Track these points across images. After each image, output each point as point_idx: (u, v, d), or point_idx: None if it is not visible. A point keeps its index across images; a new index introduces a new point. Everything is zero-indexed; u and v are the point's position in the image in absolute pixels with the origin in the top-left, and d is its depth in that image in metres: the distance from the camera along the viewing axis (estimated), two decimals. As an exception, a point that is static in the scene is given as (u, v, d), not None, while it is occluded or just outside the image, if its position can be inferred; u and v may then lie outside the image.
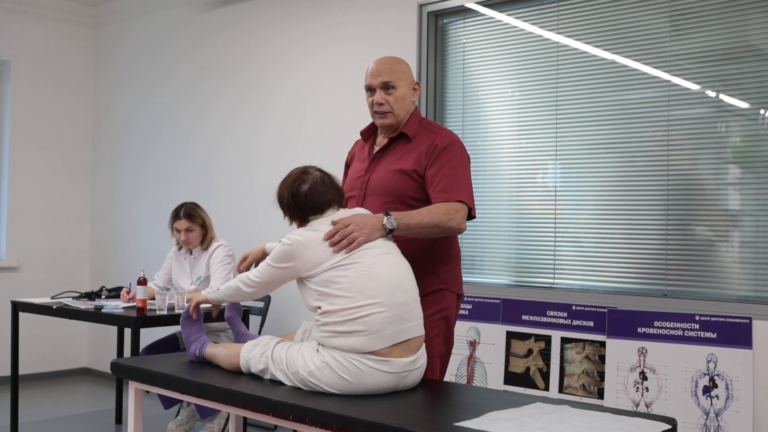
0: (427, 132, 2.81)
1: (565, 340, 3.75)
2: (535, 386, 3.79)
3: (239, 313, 3.01)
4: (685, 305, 3.46)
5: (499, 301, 3.98)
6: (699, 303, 3.43)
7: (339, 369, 2.35)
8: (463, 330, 4.04)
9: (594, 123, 3.82)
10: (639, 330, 3.51)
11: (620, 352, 3.55)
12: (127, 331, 4.49)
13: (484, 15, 4.21)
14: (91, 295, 4.46)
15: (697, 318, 3.38)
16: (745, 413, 3.21)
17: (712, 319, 3.34)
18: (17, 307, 4.44)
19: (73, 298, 4.46)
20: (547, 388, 3.75)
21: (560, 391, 3.72)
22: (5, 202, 6.11)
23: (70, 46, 6.46)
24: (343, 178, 3.04)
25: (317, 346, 2.43)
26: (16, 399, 4.51)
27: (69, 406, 5.42)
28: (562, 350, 3.74)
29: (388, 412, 2.21)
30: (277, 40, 5.15)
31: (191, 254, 4.53)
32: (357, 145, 3.05)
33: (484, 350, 3.98)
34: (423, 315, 2.54)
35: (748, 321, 3.27)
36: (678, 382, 3.39)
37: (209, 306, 4.13)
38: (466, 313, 4.06)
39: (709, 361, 3.33)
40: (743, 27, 3.42)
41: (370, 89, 2.82)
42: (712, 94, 3.51)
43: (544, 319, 3.82)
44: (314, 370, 2.38)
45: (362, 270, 2.39)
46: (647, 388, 3.47)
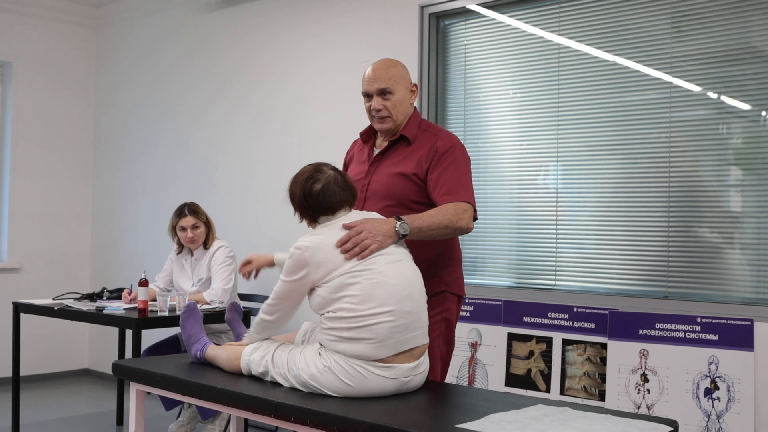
0: (428, 134, 2.80)
1: (566, 342, 3.74)
2: (536, 388, 3.79)
3: (239, 315, 3.01)
4: (687, 307, 3.45)
5: (500, 302, 3.98)
6: (700, 305, 3.43)
7: (341, 374, 2.35)
8: (465, 331, 4.03)
9: (595, 124, 3.82)
10: (640, 332, 3.51)
11: (622, 353, 3.55)
12: (129, 333, 4.49)
13: (485, 16, 4.21)
14: (92, 296, 4.46)
15: (699, 320, 3.38)
16: (747, 415, 3.21)
17: (714, 321, 3.34)
18: (18, 308, 4.44)
19: (75, 299, 4.46)
20: (548, 390, 3.75)
21: (561, 392, 3.71)
22: (7, 203, 6.11)
23: (72, 47, 6.46)
24: None
25: (319, 349, 2.42)
26: (17, 400, 4.51)
27: (70, 408, 5.42)
28: (564, 352, 3.74)
29: (390, 413, 2.21)
30: (278, 41, 5.15)
31: (192, 256, 4.52)
32: (355, 145, 3.03)
33: (486, 352, 3.98)
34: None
35: (749, 323, 3.26)
36: (679, 384, 3.39)
37: (210, 306, 4.15)
38: (468, 314, 4.05)
39: (710, 363, 3.33)
40: (745, 28, 3.41)
41: (367, 95, 2.81)
42: (713, 95, 3.51)
43: (545, 321, 3.82)
44: (316, 374, 2.37)
45: (372, 277, 2.35)
46: (649, 390, 3.46)
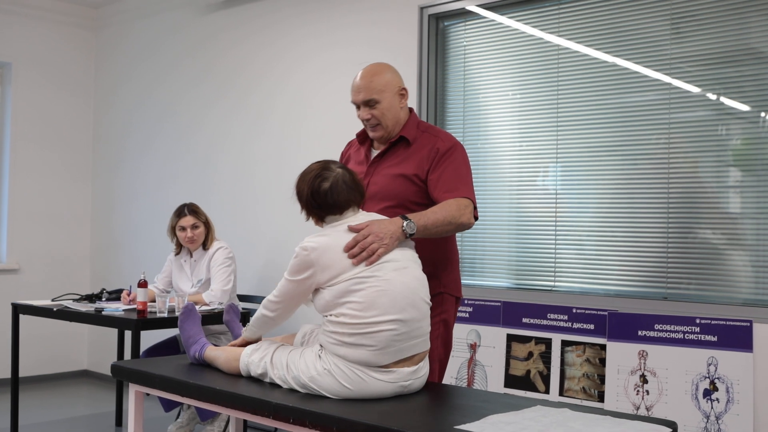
0: (427, 135, 2.80)
1: (565, 343, 3.74)
2: (535, 389, 3.79)
3: (237, 316, 3.01)
4: (686, 308, 3.45)
5: (499, 303, 3.98)
6: (700, 306, 3.43)
7: (340, 377, 2.34)
8: (464, 333, 4.03)
9: (595, 126, 3.82)
10: (639, 333, 3.51)
11: (621, 355, 3.55)
12: (128, 334, 4.49)
13: (485, 18, 4.21)
14: (91, 298, 4.45)
15: (698, 321, 3.38)
16: (746, 416, 3.21)
17: (713, 322, 3.34)
18: (18, 310, 4.44)
19: (74, 300, 4.46)
20: (547, 391, 3.75)
21: (561, 394, 3.71)
22: (6, 204, 6.11)
23: (71, 48, 6.46)
24: None
25: (319, 351, 2.41)
26: (16, 401, 4.51)
27: (69, 409, 5.42)
28: (563, 353, 3.74)
29: (389, 415, 2.20)
30: (278, 42, 5.15)
31: (191, 257, 4.52)
32: (352, 146, 3.02)
33: (485, 353, 3.98)
34: None
35: (748, 324, 3.26)
36: (678, 386, 3.39)
37: (209, 308, 4.15)
38: (467, 315, 4.05)
39: (709, 365, 3.33)
40: (744, 30, 3.42)
41: (356, 104, 2.82)
42: (712, 97, 3.51)
43: (544, 322, 3.82)
44: (316, 376, 2.37)
45: (377, 285, 2.33)
46: (648, 391, 3.46)
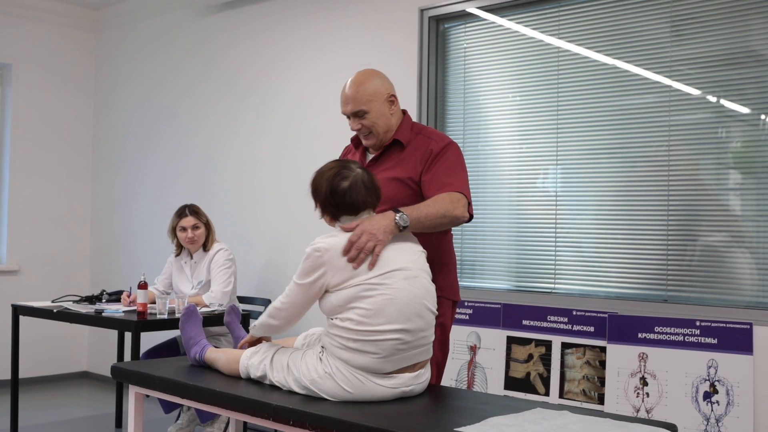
0: (421, 138, 2.80)
1: (565, 345, 3.74)
2: (535, 391, 3.79)
3: (238, 317, 3.01)
4: (686, 311, 3.45)
5: (499, 306, 3.98)
6: (700, 308, 3.43)
7: (341, 381, 2.34)
8: (464, 335, 4.03)
9: (595, 128, 3.82)
10: (639, 335, 3.51)
11: (621, 357, 3.55)
12: (128, 335, 4.49)
13: (485, 20, 4.21)
14: (91, 299, 4.45)
15: (698, 323, 3.38)
16: (746, 419, 3.21)
17: (713, 324, 3.34)
18: (17, 311, 4.44)
19: (74, 301, 4.46)
20: (547, 394, 3.75)
21: (561, 396, 3.71)
22: (6, 205, 6.11)
23: (72, 50, 6.46)
24: None
25: (320, 353, 2.41)
26: (16, 402, 4.50)
27: (69, 410, 5.42)
28: (563, 355, 3.74)
29: (389, 417, 2.20)
30: (278, 43, 5.16)
31: (192, 258, 4.52)
32: (348, 152, 3.02)
33: (485, 355, 3.98)
34: None
35: (748, 327, 3.26)
36: (678, 388, 3.39)
37: (209, 309, 4.15)
38: (467, 317, 4.05)
39: (709, 367, 3.32)
40: (744, 32, 3.42)
41: (345, 115, 2.82)
42: (712, 99, 3.51)
43: (544, 324, 3.82)
44: (317, 379, 2.37)
45: (386, 293, 2.32)
46: (648, 394, 3.46)
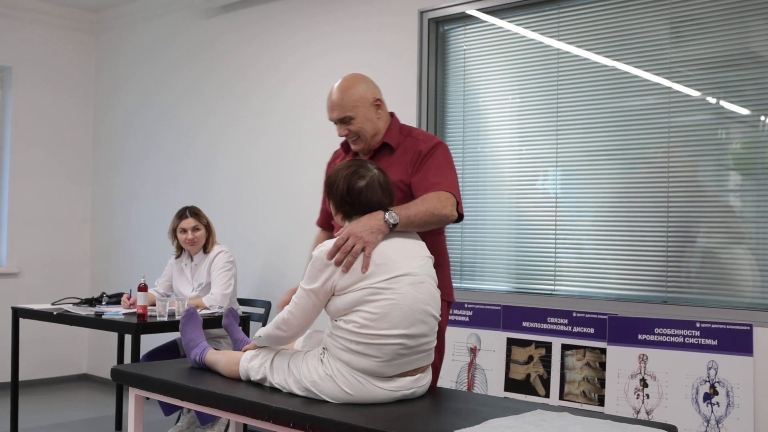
0: (410, 140, 2.80)
1: (565, 347, 3.74)
2: (535, 393, 3.79)
3: (236, 320, 3.01)
4: (686, 312, 3.45)
5: (499, 307, 3.98)
6: (700, 310, 3.43)
7: (342, 383, 2.35)
8: (464, 337, 4.03)
9: (594, 129, 3.82)
10: (639, 337, 3.51)
11: (621, 359, 3.55)
12: (128, 338, 4.49)
13: (485, 22, 4.22)
14: (91, 301, 4.45)
15: (698, 325, 3.38)
16: (746, 420, 3.21)
17: (713, 326, 3.34)
18: (17, 313, 4.44)
19: (74, 304, 4.46)
20: (547, 395, 3.75)
21: (561, 398, 3.71)
22: (6, 207, 6.11)
23: (71, 52, 6.47)
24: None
25: (321, 355, 2.42)
26: (16, 405, 4.50)
27: (69, 413, 5.42)
28: (563, 357, 3.74)
29: (388, 419, 2.20)
30: (278, 45, 5.16)
31: (192, 260, 4.52)
32: (337, 157, 3.01)
33: (485, 357, 3.98)
34: None
35: (748, 328, 3.26)
36: (679, 389, 3.39)
37: (209, 311, 4.15)
38: (467, 319, 4.05)
39: (709, 368, 3.32)
40: (744, 34, 3.42)
41: (332, 122, 2.82)
42: (712, 100, 3.51)
43: (544, 326, 3.82)
44: (318, 381, 2.38)
45: (392, 298, 2.31)
46: (648, 395, 3.46)
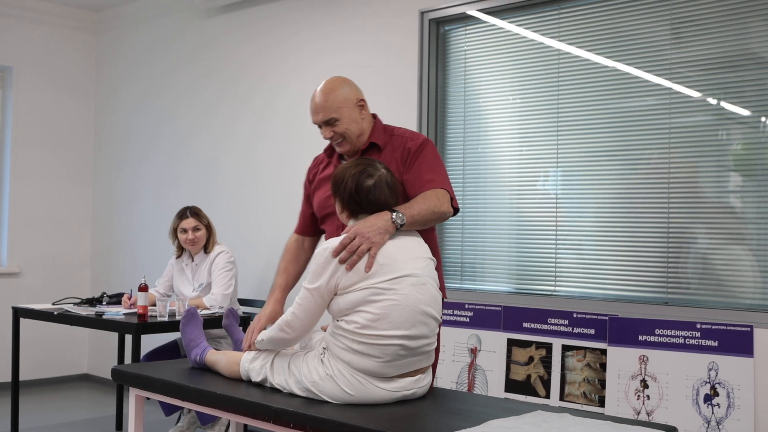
0: (396, 138, 2.79)
1: (566, 348, 3.74)
2: (536, 394, 3.79)
3: (236, 320, 3.01)
4: (687, 313, 3.45)
5: (500, 308, 3.98)
6: (700, 311, 3.42)
7: (343, 383, 2.35)
8: (464, 337, 4.03)
9: (595, 130, 3.82)
10: (640, 338, 3.51)
11: (621, 359, 3.55)
12: (128, 338, 4.49)
13: (485, 22, 4.22)
14: (92, 302, 4.46)
15: (699, 326, 3.38)
16: (747, 422, 3.21)
17: (714, 327, 3.34)
18: (18, 313, 4.44)
19: (74, 304, 4.46)
20: (548, 396, 3.75)
21: (561, 398, 3.71)
22: (7, 207, 6.12)
23: (72, 52, 6.47)
24: (305, 198, 2.98)
25: (322, 355, 2.42)
26: (16, 405, 4.51)
27: (69, 413, 5.42)
28: (563, 358, 3.74)
29: (389, 420, 2.21)
30: (280, 46, 5.16)
31: (193, 261, 4.52)
32: (321, 163, 2.97)
33: (485, 358, 3.98)
34: None
35: (749, 329, 3.26)
36: (679, 390, 3.39)
37: (210, 312, 4.15)
38: (467, 320, 4.05)
39: (710, 369, 3.32)
40: (744, 35, 3.42)
41: (317, 125, 2.81)
42: (713, 101, 3.51)
43: (545, 327, 3.82)
44: (318, 381, 2.38)
45: (394, 298, 2.31)
46: (648, 396, 3.46)
